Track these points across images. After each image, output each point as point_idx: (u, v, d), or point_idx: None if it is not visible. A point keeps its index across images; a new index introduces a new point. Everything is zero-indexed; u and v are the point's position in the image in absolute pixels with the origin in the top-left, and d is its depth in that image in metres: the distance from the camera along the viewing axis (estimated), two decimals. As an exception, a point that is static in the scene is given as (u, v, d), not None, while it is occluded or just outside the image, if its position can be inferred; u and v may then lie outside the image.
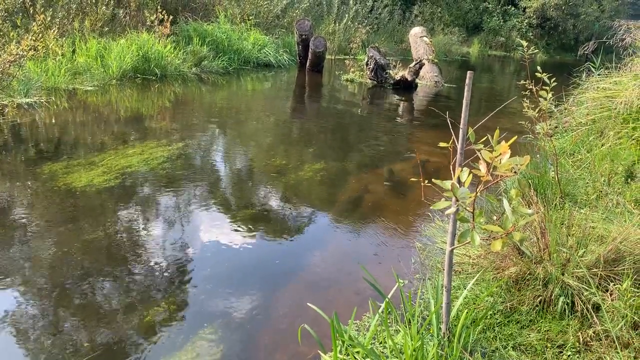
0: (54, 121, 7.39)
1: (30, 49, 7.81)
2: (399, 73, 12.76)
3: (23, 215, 4.18)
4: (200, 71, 12.72)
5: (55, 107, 8.23)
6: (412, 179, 3.15)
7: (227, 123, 8.22)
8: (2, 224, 3.98)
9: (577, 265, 2.98)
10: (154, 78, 11.20)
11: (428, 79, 13.54)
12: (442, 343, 2.53)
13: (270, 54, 15.23)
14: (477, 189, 2.08)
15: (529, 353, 2.69)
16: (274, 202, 4.86)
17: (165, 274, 3.44)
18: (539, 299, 2.99)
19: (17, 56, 7.36)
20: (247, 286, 3.34)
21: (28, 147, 6.14)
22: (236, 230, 4.14)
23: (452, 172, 2.30)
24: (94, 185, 4.84)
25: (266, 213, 4.58)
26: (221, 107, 9.48)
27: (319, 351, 2.56)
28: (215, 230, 4.11)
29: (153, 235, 3.97)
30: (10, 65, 7.26)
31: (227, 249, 3.82)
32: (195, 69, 12.63)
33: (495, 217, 3.56)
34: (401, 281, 3.33)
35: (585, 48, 9.78)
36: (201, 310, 3.07)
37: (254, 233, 4.13)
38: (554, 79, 4.23)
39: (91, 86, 9.87)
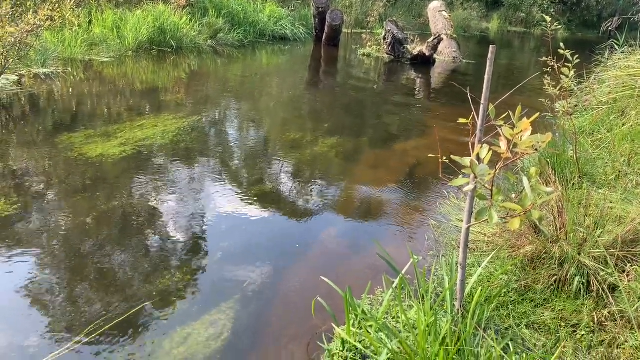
0: (70, 92, 7.42)
1: (47, 19, 7.79)
2: (416, 48, 12.58)
3: (41, 185, 4.22)
4: (216, 44, 12.65)
5: (71, 77, 8.26)
6: (430, 155, 3.12)
7: (242, 96, 8.19)
8: (21, 192, 4.03)
9: (594, 246, 2.95)
10: (169, 50, 11.16)
11: (446, 54, 13.33)
12: (455, 319, 2.53)
13: (286, 27, 15.08)
14: (497, 166, 2.05)
15: (542, 332, 2.68)
16: (288, 177, 4.86)
17: (180, 246, 3.47)
18: (554, 278, 2.98)
19: (35, 26, 7.35)
20: (261, 259, 3.37)
21: (45, 117, 6.18)
22: (250, 204, 4.15)
23: (471, 148, 2.27)
24: (110, 156, 4.87)
25: (280, 187, 4.58)
26: (236, 80, 9.44)
27: (333, 324, 2.58)
28: (229, 204, 4.13)
29: (168, 207, 4.00)
30: (27, 35, 7.26)
31: (241, 223, 3.84)
32: (210, 41, 12.55)
33: (514, 195, 3.52)
34: (415, 257, 3.33)
35: (609, 24, 9.53)
36: (215, 282, 3.10)
37: (267, 207, 4.14)
38: (576, 56, 4.14)
39: (107, 57, 9.87)
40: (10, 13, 7.33)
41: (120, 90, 7.77)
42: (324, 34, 14.34)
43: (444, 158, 2.37)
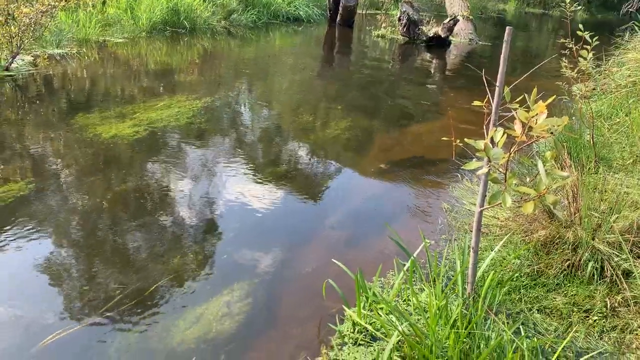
0: (85, 73, 7.45)
1: (61, 0, 7.81)
2: (432, 29, 12.41)
3: (57, 165, 4.27)
4: (229, 24, 12.59)
5: (86, 58, 8.28)
6: (444, 138, 3.09)
7: (255, 78, 8.17)
8: (37, 172, 4.08)
9: (609, 231, 2.92)
10: (183, 31, 11.13)
11: (462, 36, 13.15)
12: (466, 303, 2.53)
13: (300, 8, 14.95)
14: (511, 150, 2.03)
15: (554, 316, 2.67)
16: (300, 159, 4.86)
17: (193, 226, 3.50)
18: (567, 263, 2.96)
19: (49, 6, 7.37)
20: (273, 241, 3.38)
21: (60, 98, 6.22)
22: (263, 186, 4.16)
23: (485, 131, 2.24)
24: (125, 137, 4.90)
25: (292, 170, 4.58)
26: (249, 61, 9.40)
27: (343, 306, 2.59)
28: (242, 186, 4.14)
29: (181, 188, 4.02)
30: (42, 16, 7.28)
31: (253, 204, 3.85)
32: (224, 22, 12.50)
33: (528, 179, 3.49)
34: (427, 241, 3.33)
35: (629, 6, 9.31)
36: (228, 263, 3.12)
37: (280, 189, 4.15)
38: (595, 38, 4.06)
39: (121, 38, 9.88)
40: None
41: (134, 71, 7.78)
42: (338, 15, 14.21)
43: (458, 141, 2.35)
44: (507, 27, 2.29)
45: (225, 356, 2.37)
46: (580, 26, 4.14)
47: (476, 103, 2.39)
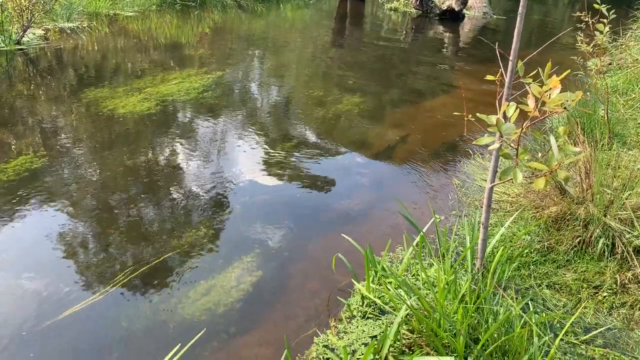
0: (95, 46, 7.43)
1: (71, -28, 7.76)
2: (445, 2, 12.20)
3: (68, 139, 4.29)
4: (240, -3, 12.47)
5: (96, 32, 8.26)
6: (455, 114, 3.06)
7: (265, 52, 8.11)
8: (49, 147, 4.11)
9: (621, 207, 2.90)
10: (193, 4, 11.04)
11: (476, 9, 12.92)
12: (475, 278, 2.54)
13: (311, -20, 14.73)
14: (523, 125, 2.00)
15: (563, 292, 2.68)
16: (311, 135, 4.84)
17: (204, 201, 3.52)
18: (577, 239, 2.94)
19: (59, -21, 7.33)
20: (283, 215, 3.40)
21: (71, 71, 6.22)
22: (273, 161, 4.16)
23: (497, 106, 2.21)
24: (135, 111, 4.91)
25: (302, 145, 4.57)
26: (260, 35, 9.32)
27: (352, 280, 2.61)
28: (251, 160, 4.15)
29: (193, 163, 4.04)
30: (52, -11, 7.26)
31: (263, 179, 3.86)
32: (235, -5, 12.37)
33: (540, 155, 3.46)
34: (437, 216, 3.32)
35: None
36: (239, 237, 3.14)
37: (290, 164, 4.15)
38: (612, 11, 3.96)
39: (131, 12, 9.82)
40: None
41: (145, 45, 7.75)
42: (350, -12, 13.99)
43: (470, 116, 2.32)
44: (522, 0, 2.24)
45: (235, 327, 2.40)
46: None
47: (489, 77, 2.36)
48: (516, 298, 2.53)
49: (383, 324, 2.39)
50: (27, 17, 7.01)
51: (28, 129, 4.44)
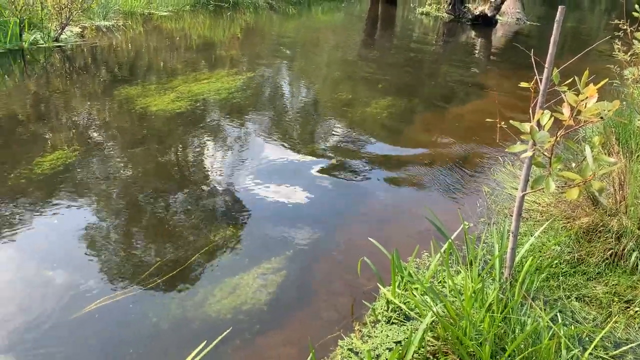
0: (129, 45, 7.58)
1: (108, -28, 7.93)
2: (478, 8, 12.09)
3: (101, 135, 4.39)
4: (272, -1, 12.56)
5: (131, 31, 8.42)
6: (488, 120, 3.03)
7: (295, 54, 8.15)
8: (83, 142, 4.21)
9: (656, 221, 2.83)
10: (226, 5, 11.17)
11: (510, 15, 12.75)
12: (503, 287, 2.51)
13: (343, -17, 14.76)
14: (557, 134, 1.97)
15: (593, 305, 2.62)
16: (339, 137, 4.84)
17: (232, 200, 3.55)
18: (609, 252, 2.88)
19: (97, -22, 7.50)
20: (310, 216, 3.41)
21: (105, 69, 6.36)
22: (301, 162, 4.18)
23: (531, 114, 2.18)
24: (167, 109, 4.99)
25: (330, 146, 4.58)
26: (290, 37, 9.37)
27: (378, 284, 2.60)
28: (280, 162, 4.17)
29: (221, 162, 4.08)
30: (90, -12, 7.43)
31: (291, 180, 3.88)
32: (267, -3, 12.47)
33: (573, 165, 3.40)
34: (466, 223, 3.29)
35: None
36: (265, 237, 3.16)
37: (318, 165, 4.15)
38: (652, 18, 3.87)
39: (166, 11, 9.98)
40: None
41: (177, 44, 7.87)
42: (382, -9, 13.97)
43: (502, 123, 2.30)
44: (560, 7, 2.21)
45: (260, 326, 2.42)
46: (637, 6, 3.95)
47: (523, 84, 2.33)
48: (544, 309, 2.49)
49: (408, 329, 2.38)
50: (66, 15, 7.19)
51: (64, 125, 4.55)
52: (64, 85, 5.65)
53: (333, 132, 4.95)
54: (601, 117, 1.87)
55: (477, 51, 9.79)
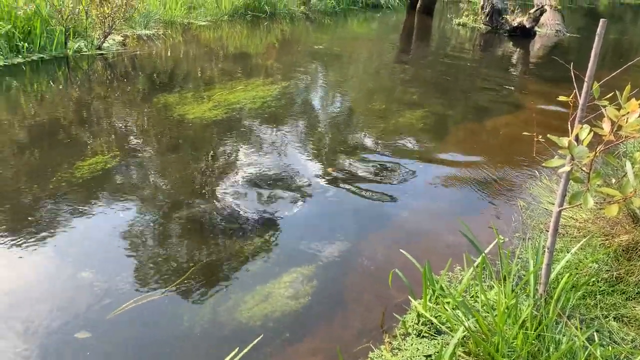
0: (169, 53, 7.76)
1: (151, -17, 8.16)
2: (516, 19, 11.93)
3: (140, 141, 4.50)
4: (308, 10, 12.67)
5: (170, 40, 8.62)
6: (524, 133, 2.98)
7: (330, 64, 8.19)
8: (122, 148, 4.32)
9: (701, 241, 2.73)
10: (263, 16, 11.32)
11: (549, 27, 12.55)
12: (538, 304, 2.45)
13: (379, -6, 14.80)
14: (597, 149, 1.93)
15: (632, 326, 2.54)
16: (372, 147, 4.84)
17: (264, 208, 3.59)
18: (650, 271, 2.79)
19: (139, -11, 7.73)
20: (341, 227, 3.41)
21: (145, 77, 6.52)
22: (333, 172, 4.19)
23: (570, 128, 2.15)
24: (204, 117, 5.08)
25: (362, 157, 4.57)
26: (326, 47, 9.43)
27: (409, 297, 2.58)
28: (313, 171, 4.19)
29: (254, 170, 4.12)
30: (133, -2, 7.66)
31: (323, 190, 3.89)
32: (303, 7, 12.59)
33: (613, 181, 3.31)
34: (500, 238, 3.24)
35: None
36: (296, 246, 3.18)
37: (349, 176, 4.16)
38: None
39: (204, 21, 10.19)
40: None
41: (215, 53, 8.02)
42: (419, 2, 13.94)
43: (540, 137, 2.26)
44: (601, 20, 2.17)
45: (290, 335, 2.43)
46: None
47: (562, 98, 2.30)
48: (580, 328, 2.42)
49: (438, 344, 2.35)
50: (109, 24, 7.42)
51: (104, 130, 4.68)
52: (105, 92, 5.82)
53: (366, 142, 4.94)
54: (643, 133, 1.83)
55: (514, 63, 9.66)
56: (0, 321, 2.39)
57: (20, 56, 6.54)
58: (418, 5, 13.97)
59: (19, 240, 2.99)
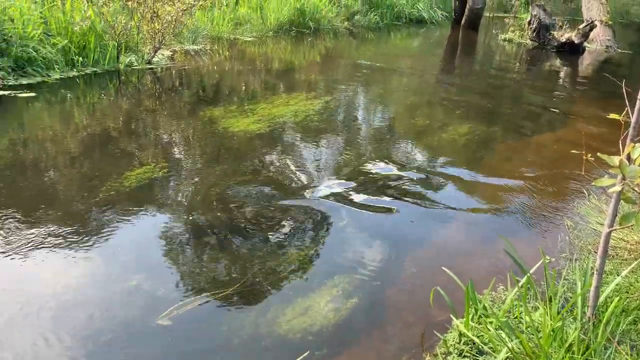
0: (215, 68, 7.95)
1: (199, -1, 8.41)
2: (564, 35, 11.68)
3: (186, 153, 4.61)
4: (352, 25, 12.77)
5: (217, 55, 8.83)
6: (573, 151, 2.91)
7: (372, 79, 8.21)
8: (168, 159, 4.44)
9: None
10: (307, 31, 11.47)
11: (598, 42, 12.23)
12: (585, 327, 2.37)
13: (423, 9, 14.77)
14: (650, 169, 1.87)
15: (687, 355, 2.42)
16: (414, 163, 4.81)
17: (305, 222, 3.61)
18: None
19: (189, 5, 7.96)
20: (381, 243, 3.39)
21: (192, 90, 6.70)
22: (374, 187, 4.18)
23: (621, 147, 2.09)
24: (248, 130, 5.17)
25: (404, 172, 4.54)
26: (368, 62, 9.46)
27: (451, 315, 2.54)
28: (353, 185, 4.19)
29: (296, 184, 4.16)
30: (182, 14, 7.88)
31: (363, 204, 3.88)
32: (347, 23, 12.69)
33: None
34: (546, 258, 3.16)
35: None
36: (337, 261, 3.18)
37: (391, 191, 4.14)
38: None
39: (250, 37, 10.40)
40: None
41: (259, 68, 8.17)
42: (464, 17, 13.85)
43: (589, 155, 2.21)
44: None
45: (328, 349, 2.43)
46: None
47: (612, 116, 2.24)
48: (631, 354, 2.33)
49: (480, 364, 2.30)
50: (159, 39, 7.67)
51: (151, 142, 4.83)
52: (154, 104, 6.00)
53: (408, 157, 4.92)
54: (700, 153, 1.77)
55: (562, 79, 9.45)
56: (52, 322, 2.48)
57: (75, 70, 6.83)
58: (463, 20, 13.87)
59: (72, 245, 3.10)
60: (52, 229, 3.26)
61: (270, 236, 3.37)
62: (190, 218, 3.53)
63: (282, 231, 3.45)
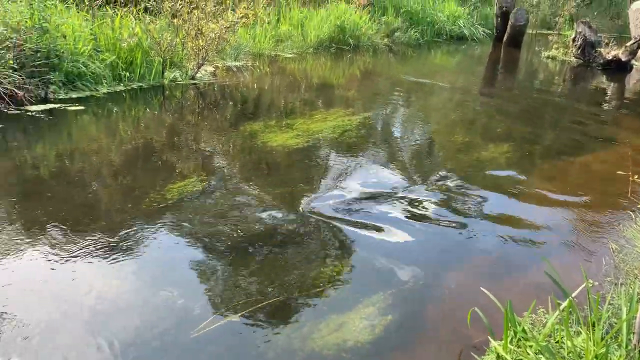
0: (256, 84, 8.08)
1: (242, 17, 8.58)
2: (611, 52, 11.39)
3: (226, 167, 4.69)
4: (392, 42, 12.80)
5: (258, 71, 8.99)
6: (619, 173, 2.83)
7: (411, 96, 8.19)
8: (210, 172, 4.53)
9: None
10: (347, 48, 11.55)
11: (647, 60, 11.87)
12: (631, 355, 2.28)
13: (464, 26, 14.68)
14: (702, 192, 1.80)
15: None
16: (454, 180, 4.75)
17: (342, 237, 3.61)
18: None
19: (232, 23, 8.14)
20: (416, 262, 3.35)
21: (233, 106, 6.83)
22: (411, 204, 4.15)
23: (670, 169, 2.02)
24: (286, 145, 5.23)
25: (443, 190, 4.49)
26: (408, 79, 9.45)
27: (489, 337, 2.49)
28: (391, 202, 4.17)
29: (333, 199, 4.16)
30: (225, 31, 8.07)
31: (399, 222, 3.86)
32: (387, 40, 12.73)
33: None
34: (590, 282, 3.06)
35: None
36: (371, 277, 3.16)
37: (427, 210, 4.10)
38: None
39: (290, 53, 10.55)
40: (213, 11, 8.19)
41: (299, 84, 8.26)
42: (506, 35, 13.69)
43: (636, 177, 2.14)
44: None
45: (363, 367, 2.41)
46: None
47: (661, 136, 2.17)
48: (680, 386, 2.22)
49: (519, 389, 2.24)
50: (202, 56, 7.86)
51: (193, 155, 4.94)
52: (196, 119, 6.15)
53: (445, 175, 4.87)
54: None
55: (607, 98, 9.20)
56: (89, 329, 2.55)
57: (122, 84, 7.06)
58: (505, 37, 13.71)
59: (112, 255, 3.19)
60: (95, 238, 3.36)
61: (306, 249, 3.39)
62: (229, 231, 3.58)
63: (320, 246, 3.46)
